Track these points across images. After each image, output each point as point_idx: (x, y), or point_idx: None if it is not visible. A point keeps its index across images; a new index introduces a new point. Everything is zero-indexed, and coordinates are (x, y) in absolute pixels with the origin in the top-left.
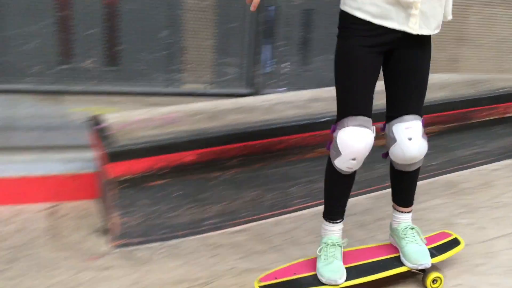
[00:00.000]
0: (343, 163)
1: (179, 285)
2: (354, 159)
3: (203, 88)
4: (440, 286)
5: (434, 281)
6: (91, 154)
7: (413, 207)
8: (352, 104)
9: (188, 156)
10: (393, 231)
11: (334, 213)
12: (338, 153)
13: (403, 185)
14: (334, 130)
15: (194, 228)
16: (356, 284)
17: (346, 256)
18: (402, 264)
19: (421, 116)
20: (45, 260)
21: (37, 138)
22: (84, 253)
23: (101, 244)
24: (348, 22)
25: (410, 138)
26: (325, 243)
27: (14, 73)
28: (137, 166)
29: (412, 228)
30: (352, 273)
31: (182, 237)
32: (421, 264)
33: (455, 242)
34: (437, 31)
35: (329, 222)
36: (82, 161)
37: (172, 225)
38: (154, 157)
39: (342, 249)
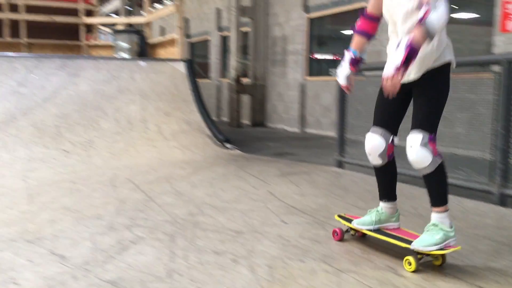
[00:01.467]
0: (367, 157)
1: None
2: (369, 155)
3: None
4: (410, 269)
5: (408, 263)
6: None
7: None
8: (375, 118)
9: None
10: None
11: (379, 193)
12: None
13: (426, 187)
14: None
15: None
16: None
17: (391, 230)
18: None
19: (427, 131)
20: None
21: None
22: None
23: None
24: None
25: (410, 146)
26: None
27: None
28: None
29: (436, 225)
30: (378, 232)
31: None
32: (411, 243)
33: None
34: (418, 75)
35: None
36: None
37: None
38: None
39: (383, 218)
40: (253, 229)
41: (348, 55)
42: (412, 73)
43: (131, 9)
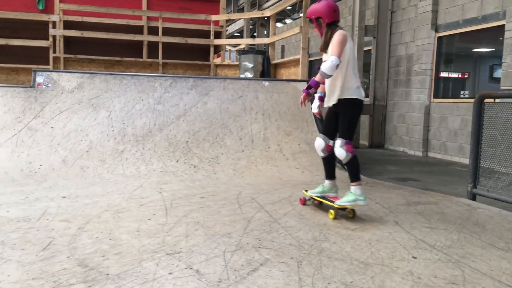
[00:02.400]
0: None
1: None
2: (317, 150)
3: None
4: (331, 216)
5: (330, 213)
6: None
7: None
8: (322, 128)
9: None
10: None
11: (325, 174)
12: None
13: (347, 171)
14: None
15: None
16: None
17: (331, 197)
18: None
19: (344, 138)
20: None
21: None
22: None
23: None
24: None
25: (335, 147)
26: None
27: None
28: None
29: (351, 192)
30: (323, 199)
31: None
32: (336, 203)
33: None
34: (334, 102)
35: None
36: None
37: None
38: None
39: (326, 190)
40: (381, 262)
41: (317, 95)
42: (332, 101)
43: (251, 27)
